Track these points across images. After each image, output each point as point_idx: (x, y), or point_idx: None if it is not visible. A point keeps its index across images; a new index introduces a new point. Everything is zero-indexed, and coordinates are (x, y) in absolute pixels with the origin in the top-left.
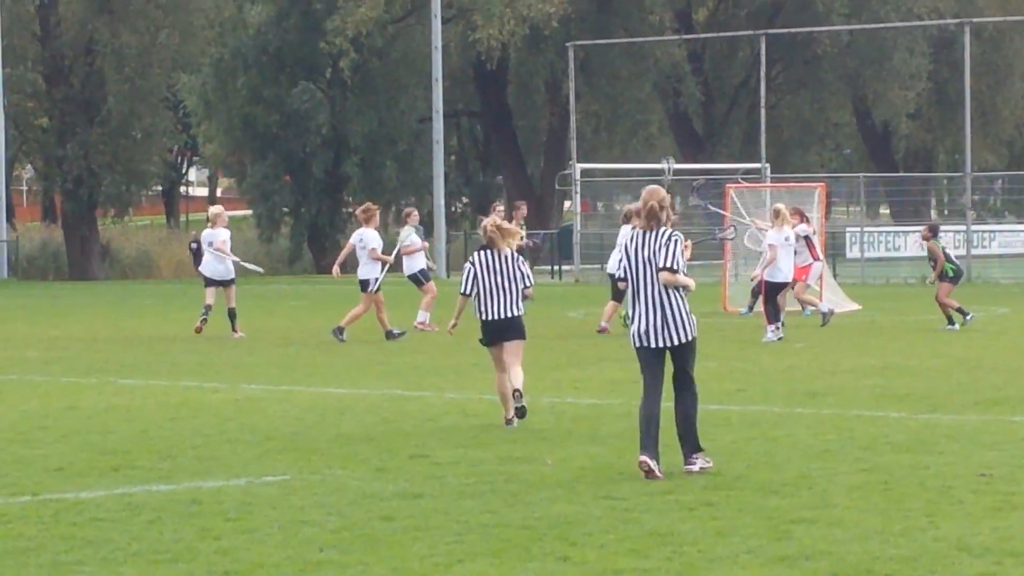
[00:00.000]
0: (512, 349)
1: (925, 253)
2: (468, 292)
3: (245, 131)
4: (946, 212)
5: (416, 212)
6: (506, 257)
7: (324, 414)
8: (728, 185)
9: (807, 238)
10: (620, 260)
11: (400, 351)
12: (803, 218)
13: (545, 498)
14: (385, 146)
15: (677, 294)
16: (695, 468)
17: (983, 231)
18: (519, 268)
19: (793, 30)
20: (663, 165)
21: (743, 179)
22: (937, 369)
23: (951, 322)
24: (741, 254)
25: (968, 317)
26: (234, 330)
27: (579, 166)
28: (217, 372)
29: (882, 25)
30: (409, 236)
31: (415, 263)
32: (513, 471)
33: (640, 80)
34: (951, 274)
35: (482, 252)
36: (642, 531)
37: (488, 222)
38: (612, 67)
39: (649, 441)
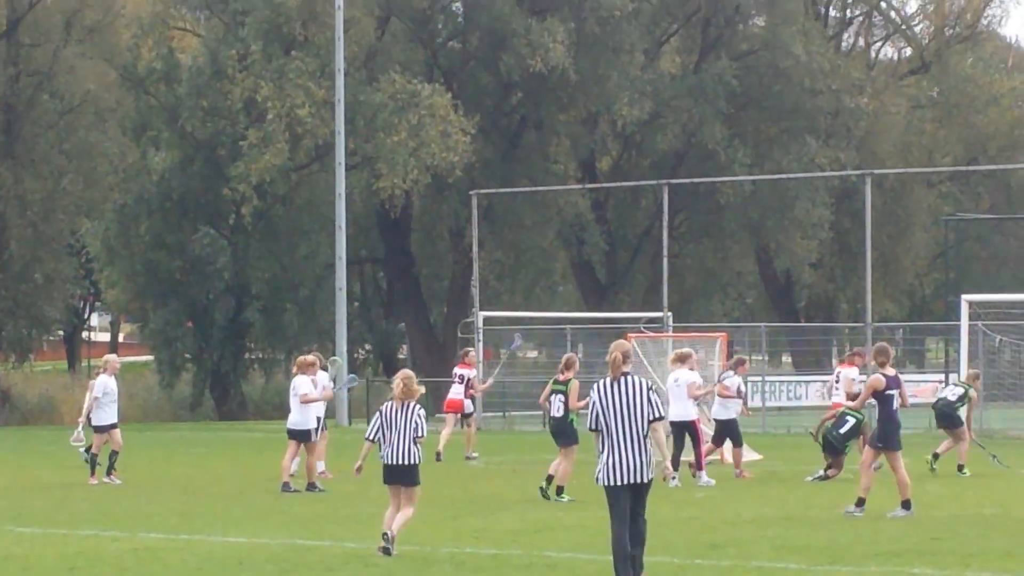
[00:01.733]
0: (407, 493)
1: (830, 401)
2: (372, 438)
3: (148, 276)
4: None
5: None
6: (409, 408)
7: (223, 564)
8: (630, 335)
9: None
10: (592, 408)
11: (300, 500)
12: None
13: None
14: (287, 292)
15: (645, 438)
16: None
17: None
18: (417, 419)
19: (696, 180)
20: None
21: (645, 328)
22: (837, 520)
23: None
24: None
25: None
26: (108, 473)
27: (482, 314)
28: (116, 520)
29: (784, 176)
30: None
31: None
32: None
33: (544, 228)
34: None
35: (389, 403)
36: None
37: (399, 376)
38: (516, 215)
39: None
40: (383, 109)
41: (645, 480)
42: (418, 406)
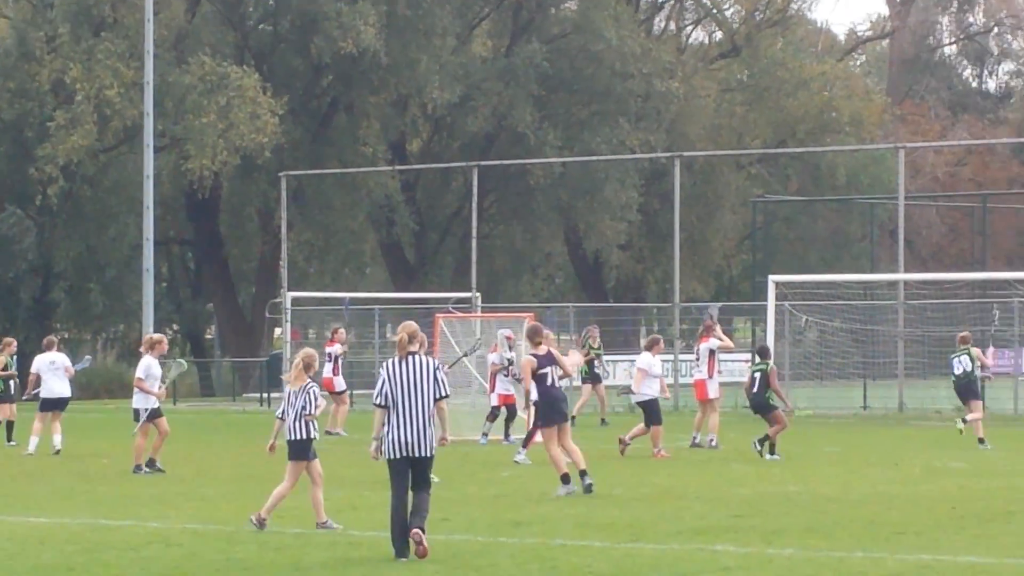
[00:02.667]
0: (307, 468)
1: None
2: (282, 416)
3: None
4: None
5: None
6: (301, 388)
7: (23, 544)
8: (438, 315)
9: (712, 352)
10: (381, 385)
11: (104, 480)
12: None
13: None
14: (93, 272)
15: (429, 415)
16: (422, 539)
17: (691, 360)
18: (307, 397)
19: (506, 162)
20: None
21: (454, 309)
22: (641, 498)
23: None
24: (451, 382)
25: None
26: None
27: (290, 294)
28: None
29: (594, 158)
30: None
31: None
32: None
33: (353, 210)
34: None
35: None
36: None
37: (300, 354)
38: (325, 196)
39: (402, 542)
40: (192, 91)
41: (427, 454)
42: (312, 384)
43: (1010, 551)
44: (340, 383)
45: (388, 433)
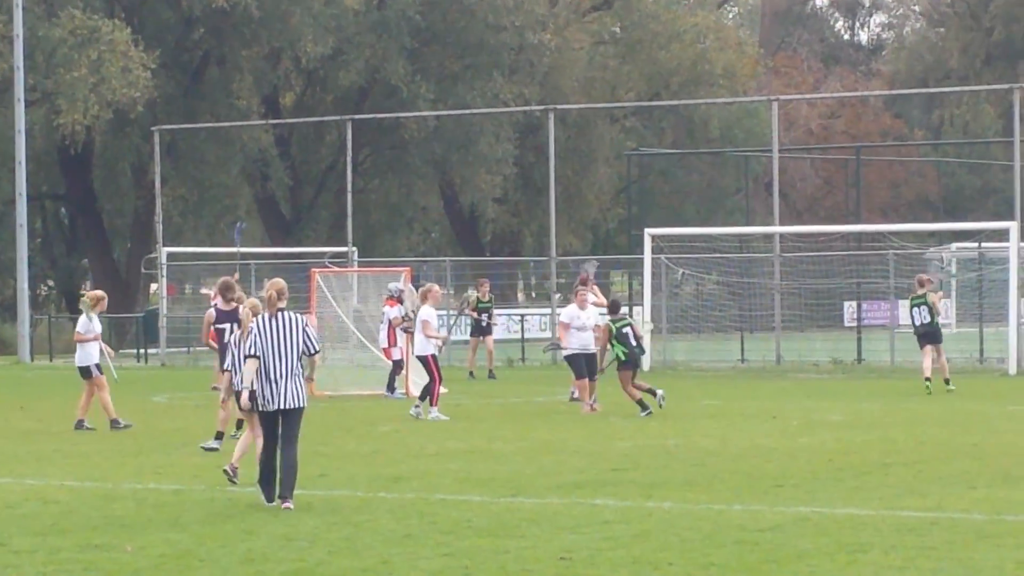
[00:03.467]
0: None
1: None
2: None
3: None
4: (533, 295)
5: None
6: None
7: None
8: (314, 269)
9: None
10: (252, 339)
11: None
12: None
13: None
14: None
15: (299, 370)
16: (291, 506)
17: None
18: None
19: (379, 115)
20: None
21: (330, 263)
22: (521, 452)
23: (644, 408)
24: (328, 337)
25: (659, 394)
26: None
27: (165, 250)
28: None
29: (468, 111)
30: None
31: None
32: (92, 559)
33: (227, 164)
34: (623, 358)
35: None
36: None
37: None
38: (199, 151)
39: (270, 489)
40: (63, 44)
41: (296, 406)
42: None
43: (887, 503)
44: None
45: (259, 387)
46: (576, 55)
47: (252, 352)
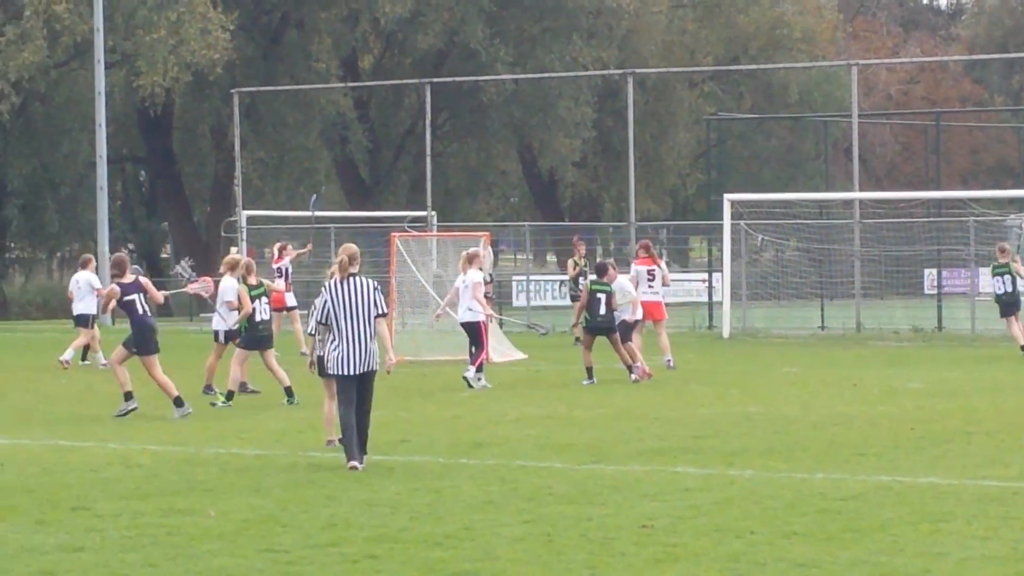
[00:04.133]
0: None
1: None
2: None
3: None
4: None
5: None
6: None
7: None
8: (394, 234)
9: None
10: (324, 305)
11: (64, 400)
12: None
13: (207, 551)
14: (47, 190)
15: (372, 333)
16: (361, 466)
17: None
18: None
19: (458, 79)
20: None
21: (410, 227)
22: (601, 419)
23: (589, 376)
24: (408, 302)
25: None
26: None
27: (245, 213)
28: None
29: (547, 75)
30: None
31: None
32: (175, 523)
33: (306, 127)
34: (584, 323)
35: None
36: None
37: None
38: (278, 114)
39: (354, 448)
40: (142, 6)
41: (371, 369)
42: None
43: (969, 471)
44: (292, 299)
45: (335, 351)
46: (655, 18)
47: (321, 319)
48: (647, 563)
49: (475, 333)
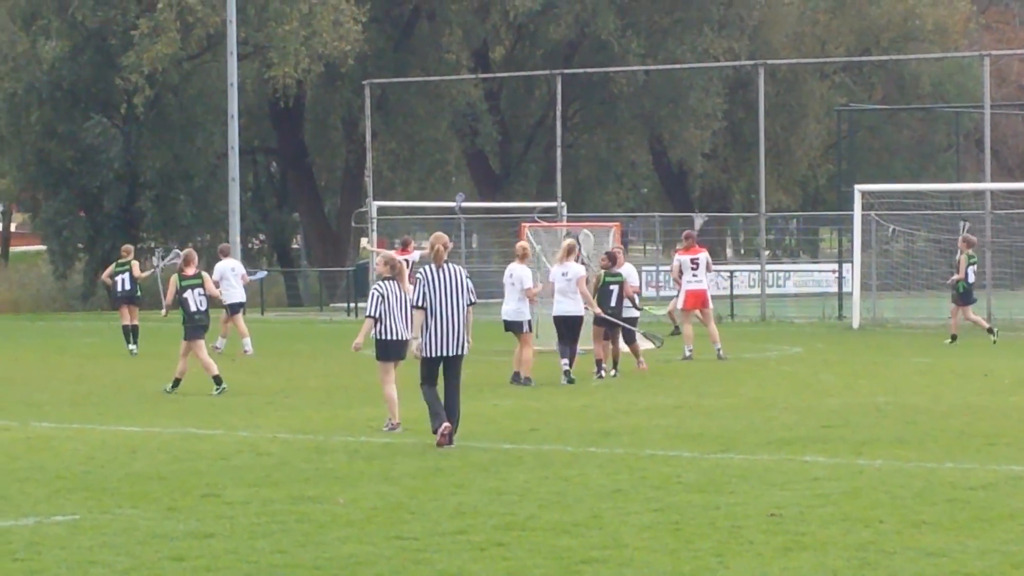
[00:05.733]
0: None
1: (717, 292)
2: (375, 315)
3: (39, 166)
4: (742, 251)
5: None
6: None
7: (115, 453)
8: (524, 223)
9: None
10: (420, 288)
11: (193, 389)
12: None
13: (336, 538)
14: (180, 182)
15: (464, 318)
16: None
17: (778, 271)
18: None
19: (589, 70)
20: (455, 203)
21: (540, 218)
22: (730, 409)
23: (598, 369)
24: (539, 292)
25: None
26: None
27: (376, 204)
28: (7, 410)
29: (678, 66)
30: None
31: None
32: (304, 511)
33: (437, 118)
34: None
35: (386, 282)
36: (433, 571)
37: (379, 258)
38: (409, 105)
39: (440, 410)
40: None
41: (461, 352)
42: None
43: None
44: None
45: (430, 334)
46: (786, 9)
47: (421, 304)
48: (775, 552)
49: (575, 327)
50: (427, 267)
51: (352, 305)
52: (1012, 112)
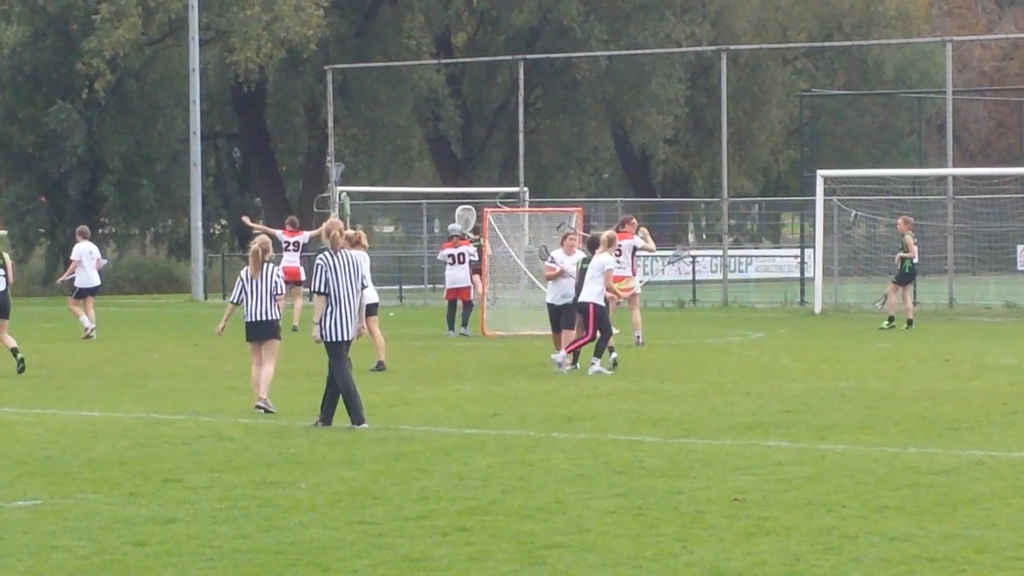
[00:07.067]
0: (267, 347)
1: (679, 277)
2: (236, 301)
3: (0, 151)
4: (704, 237)
5: None
6: (267, 269)
7: (77, 438)
8: (487, 209)
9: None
10: (323, 274)
11: (155, 374)
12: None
13: (299, 523)
14: (142, 167)
15: (359, 302)
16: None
17: (739, 256)
18: (276, 279)
19: (552, 56)
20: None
21: (502, 203)
22: (693, 393)
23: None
24: (499, 277)
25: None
26: None
27: (338, 189)
28: None
29: (640, 51)
30: None
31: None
32: (267, 496)
33: (399, 104)
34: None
35: (246, 268)
36: (396, 556)
37: (256, 240)
38: (371, 91)
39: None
40: None
41: (353, 337)
42: (276, 267)
43: None
44: (303, 273)
45: (330, 318)
46: None
47: (322, 289)
48: (738, 536)
49: (586, 315)
50: (325, 253)
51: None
52: (974, 98)
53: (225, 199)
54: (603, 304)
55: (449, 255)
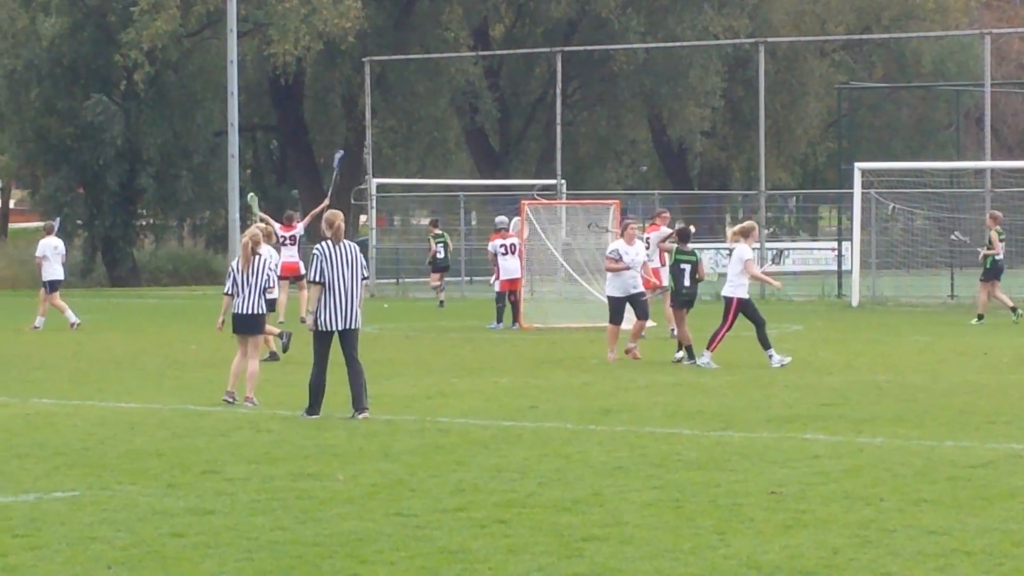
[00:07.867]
0: (252, 342)
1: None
2: (229, 292)
3: (38, 143)
4: None
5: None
6: (258, 262)
7: (115, 429)
8: (524, 201)
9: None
10: (319, 264)
11: (193, 366)
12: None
13: (336, 515)
14: (180, 159)
15: (359, 293)
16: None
17: (777, 248)
18: (267, 272)
19: (589, 48)
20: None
21: (539, 195)
22: (730, 386)
23: (691, 356)
24: (536, 270)
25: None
26: None
27: (375, 181)
28: (6, 386)
29: (678, 44)
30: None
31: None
32: (304, 487)
33: (436, 96)
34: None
35: (236, 260)
36: (433, 548)
37: (247, 233)
38: (408, 83)
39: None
40: None
41: (356, 326)
42: (268, 260)
43: None
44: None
45: (325, 309)
46: None
47: (316, 279)
48: (776, 529)
49: (727, 308)
50: (324, 243)
51: None
52: (1012, 91)
53: (263, 191)
54: (747, 297)
55: (501, 245)
